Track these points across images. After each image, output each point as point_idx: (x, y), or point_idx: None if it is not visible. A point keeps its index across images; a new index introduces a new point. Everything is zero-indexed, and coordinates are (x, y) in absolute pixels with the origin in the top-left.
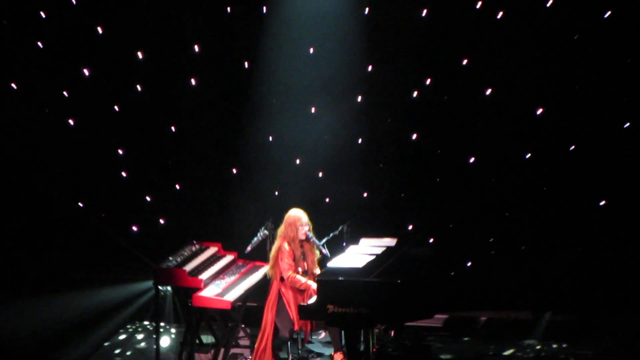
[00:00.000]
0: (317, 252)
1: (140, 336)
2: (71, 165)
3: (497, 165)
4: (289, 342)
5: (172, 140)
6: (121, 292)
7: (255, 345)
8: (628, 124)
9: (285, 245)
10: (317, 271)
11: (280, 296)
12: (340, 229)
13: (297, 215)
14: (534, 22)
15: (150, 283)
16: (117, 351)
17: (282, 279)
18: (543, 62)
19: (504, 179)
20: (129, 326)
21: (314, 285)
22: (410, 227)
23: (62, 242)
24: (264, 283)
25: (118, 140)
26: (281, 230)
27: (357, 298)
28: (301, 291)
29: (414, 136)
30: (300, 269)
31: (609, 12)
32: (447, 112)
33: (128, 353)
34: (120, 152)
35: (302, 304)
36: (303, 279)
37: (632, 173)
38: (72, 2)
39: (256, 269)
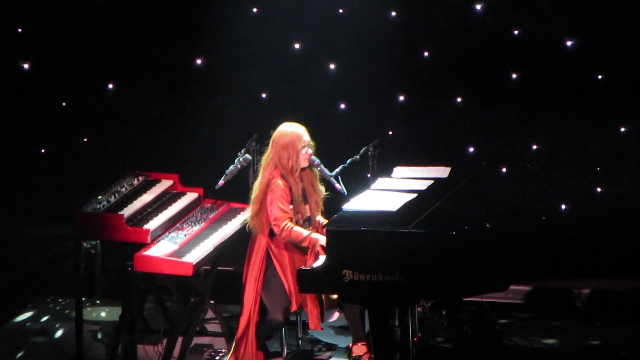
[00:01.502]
0: (323, 189)
1: (50, 318)
2: None
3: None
4: (283, 329)
5: (100, 11)
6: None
7: (236, 335)
8: None
9: (279, 181)
10: (321, 219)
11: (269, 258)
12: (362, 152)
13: (296, 131)
14: None
15: (67, 234)
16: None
17: (272, 233)
18: None
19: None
20: (33, 304)
21: (322, 240)
22: (471, 150)
23: None
24: (245, 237)
25: (16, 11)
26: (269, 155)
27: (388, 259)
28: (302, 249)
29: (478, 6)
30: (300, 215)
31: None
32: None
33: (41, 338)
34: (19, 30)
35: (303, 267)
36: (305, 231)
37: None
38: None
39: (233, 213)
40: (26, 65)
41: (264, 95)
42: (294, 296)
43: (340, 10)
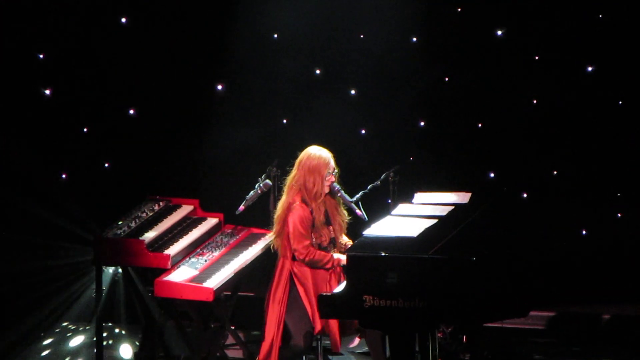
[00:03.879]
0: (346, 213)
1: (73, 341)
2: None
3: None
4: (304, 356)
5: (121, 36)
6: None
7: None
8: None
9: (299, 205)
10: (346, 241)
11: (292, 282)
12: (383, 177)
13: (324, 157)
14: None
15: (88, 260)
16: None
17: (295, 257)
18: None
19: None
20: (54, 329)
21: (344, 259)
22: (492, 175)
23: None
24: (266, 261)
25: (37, 37)
26: (294, 178)
27: (409, 284)
28: (326, 270)
29: (499, 32)
30: (323, 238)
31: None
32: None
33: None
34: (40, 56)
35: (323, 293)
36: (327, 254)
37: None
38: None
39: (253, 239)
40: (47, 92)
41: (284, 121)
42: (316, 321)
43: (362, 36)
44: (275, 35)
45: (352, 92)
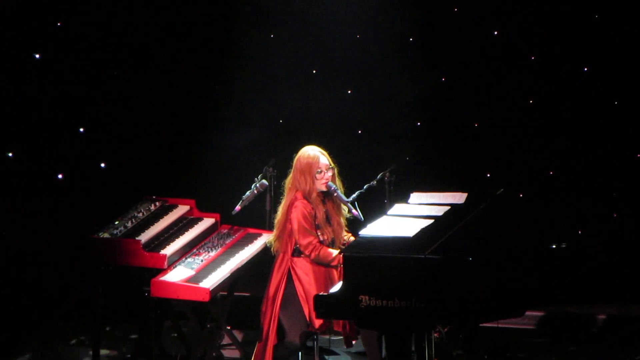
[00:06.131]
0: (345, 211)
1: (67, 344)
2: None
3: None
4: (299, 353)
5: (118, 34)
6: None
7: (253, 357)
8: None
9: (301, 202)
10: (348, 238)
11: (289, 277)
12: (379, 177)
13: (313, 155)
14: None
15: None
16: None
17: (294, 253)
18: None
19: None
20: (49, 329)
21: None
22: (488, 175)
23: None
24: (263, 261)
25: (33, 36)
26: (290, 181)
27: (405, 285)
28: (332, 267)
29: (495, 32)
30: (325, 237)
31: None
32: None
33: None
34: (36, 56)
35: (320, 294)
36: (334, 251)
37: None
38: None
39: (249, 239)
40: (43, 92)
41: (280, 121)
42: (314, 320)
43: (358, 36)
44: (272, 35)
45: (349, 91)
